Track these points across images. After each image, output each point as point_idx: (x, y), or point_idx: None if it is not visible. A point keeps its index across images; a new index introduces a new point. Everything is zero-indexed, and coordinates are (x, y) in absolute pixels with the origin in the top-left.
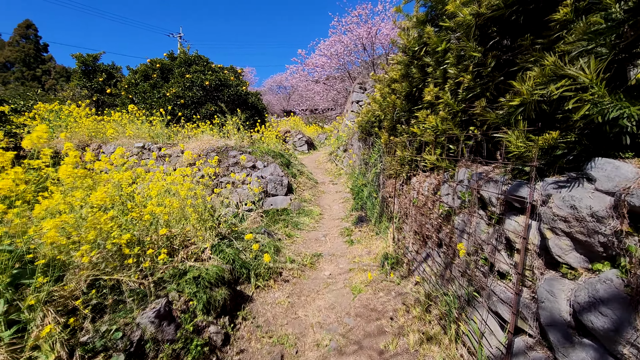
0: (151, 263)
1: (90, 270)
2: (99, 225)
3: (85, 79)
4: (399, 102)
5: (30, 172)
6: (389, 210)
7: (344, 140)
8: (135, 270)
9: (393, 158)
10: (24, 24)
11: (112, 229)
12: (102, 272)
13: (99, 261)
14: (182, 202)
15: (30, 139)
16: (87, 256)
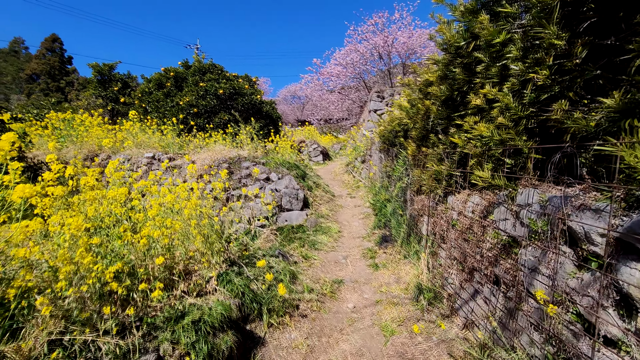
0: (143, 300)
1: (57, 321)
2: (75, 259)
3: (100, 88)
4: (435, 108)
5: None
6: (418, 230)
7: (362, 150)
8: (114, 322)
9: (423, 172)
10: (50, 37)
11: (94, 262)
12: (74, 320)
13: (71, 307)
14: (186, 222)
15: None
16: (46, 308)
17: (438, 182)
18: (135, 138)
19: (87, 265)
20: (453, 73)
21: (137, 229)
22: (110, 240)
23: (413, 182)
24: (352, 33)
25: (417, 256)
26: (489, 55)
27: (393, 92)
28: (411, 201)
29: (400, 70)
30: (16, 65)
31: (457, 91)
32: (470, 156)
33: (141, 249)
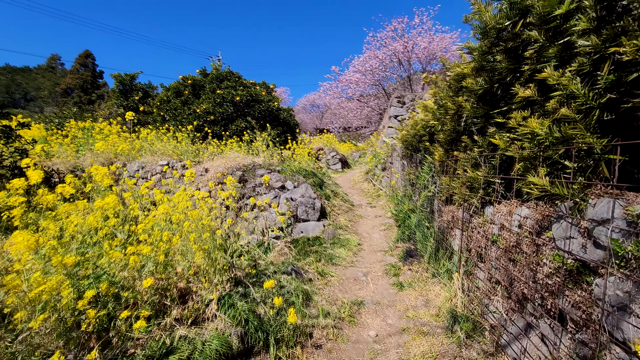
0: (125, 332)
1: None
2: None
3: (122, 97)
4: (468, 105)
5: None
6: (448, 245)
7: (382, 158)
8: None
9: (453, 179)
10: (84, 54)
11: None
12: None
13: (17, 349)
14: (185, 236)
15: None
16: None
17: (473, 191)
18: (151, 146)
19: (49, 292)
20: (491, 63)
21: (134, 243)
22: (97, 257)
23: (441, 191)
24: (371, 39)
25: (448, 275)
26: (545, 33)
27: (414, 97)
28: (439, 212)
29: (420, 77)
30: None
31: (498, 83)
32: (515, 160)
33: (133, 266)
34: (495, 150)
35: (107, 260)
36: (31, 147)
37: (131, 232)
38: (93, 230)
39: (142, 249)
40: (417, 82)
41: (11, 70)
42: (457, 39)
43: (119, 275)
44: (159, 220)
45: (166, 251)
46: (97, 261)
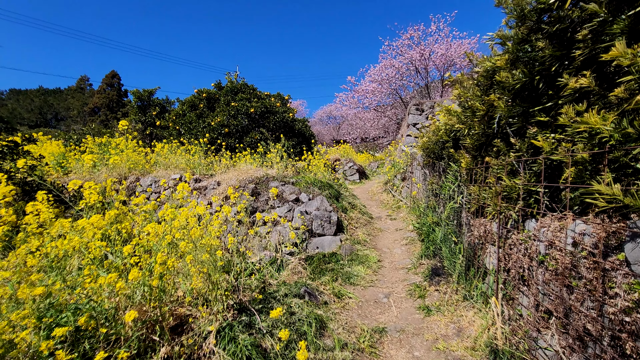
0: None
1: None
2: None
3: (140, 113)
4: (502, 103)
5: None
6: (481, 263)
7: (401, 167)
8: None
9: (484, 188)
10: (110, 74)
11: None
12: None
13: None
14: (182, 258)
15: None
16: None
17: (509, 202)
18: (165, 160)
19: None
20: (530, 53)
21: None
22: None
23: (469, 202)
24: (387, 48)
25: (483, 299)
26: (607, 5)
27: (433, 104)
28: (468, 225)
29: (438, 85)
30: (81, 101)
31: (540, 75)
32: (564, 165)
33: (124, 292)
34: (536, 154)
35: (93, 287)
36: (39, 163)
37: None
38: (84, 251)
39: (133, 272)
40: (435, 89)
41: (44, 92)
42: (475, 44)
43: (107, 303)
44: (153, 239)
45: (162, 274)
46: (83, 287)
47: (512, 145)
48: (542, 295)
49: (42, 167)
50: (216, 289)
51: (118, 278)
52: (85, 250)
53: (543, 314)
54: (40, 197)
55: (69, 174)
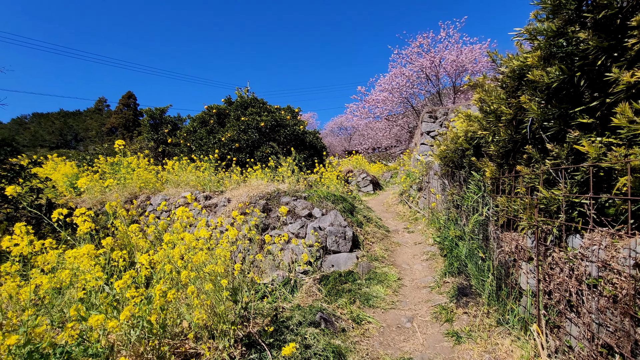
0: None
1: None
2: None
3: (152, 131)
4: (534, 105)
5: None
6: (514, 283)
7: (417, 177)
8: None
9: (513, 199)
10: (127, 94)
11: None
12: None
13: None
14: (185, 287)
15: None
16: None
17: (548, 215)
18: (176, 177)
19: None
20: (566, 48)
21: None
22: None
23: (497, 214)
24: (396, 57)
25: (521, 325)
26: None
27: (447, 111)
28: (496, 240)
29: (450, 92)
30: (99, 121)
31: (581, 71)
32: (616, 172)
33: (117, 331)
34: (578, 161)
35: (85, 326)
36: (45, 186)
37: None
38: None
39: (125, 312)
40: (447, 96)
41: (64, 115)
42: (486, 48)
43: (102, 342)
44: (158, 265)
45: (162, 307)
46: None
47: (548, 152)
48: (596, 325)
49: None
50: (222, 322)
51: (110, 317)
52: (78, 284)
53: (601, 348)
54: (18, 229)
55: (82, 194)
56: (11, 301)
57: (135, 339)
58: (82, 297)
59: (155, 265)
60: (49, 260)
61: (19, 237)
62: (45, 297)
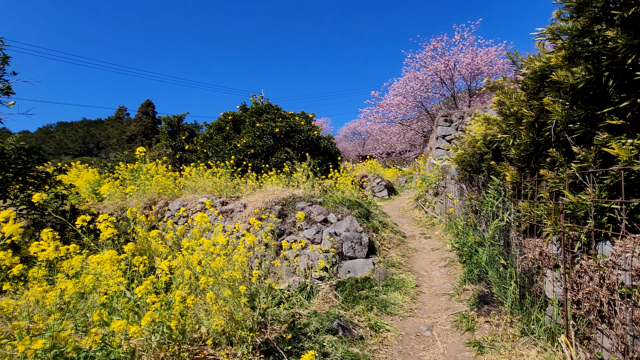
0: None
1: None
2: None
3: (170, 138)
4: (559, 107)
5: None
6: (539, 291)
7: (433, 181)
8: None
9: (536, 205)
10: (145, 103)
11: None
12: None
13: None
14: (204, 293)
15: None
16: None
17: (575, 221)
18: (192, 183)
19: None
20: (592, 47)
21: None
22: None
23: (519, 220)
24: (410, 61)
25: (548, 335)
26: None
27: (462, 115)
28: (519, 246)
29: (465, 95)
30: (120, 129)
31: (609, 70)
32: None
33: (138, 336)
34: (607, 164)
35: (107, 331)
36: (69, 193)
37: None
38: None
39: (146, 317)
40: (461, 100)
41: (87, 123)
42: (502, 51)
43: (124, 346)
44: (177, 271)
45: (181, 313)
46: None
47: (574, 155)
48: (631, 337)
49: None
50: (240, 328)
51: (132, 322)
52: (100, 289)
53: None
54: (45, 235)
55: (103, 200)
56: (37, 305)
57: (156, 344)
58: (104, 301)
59: (174, 270)
60: (73, 265)
61: (45, 243)
62: (70, 302)
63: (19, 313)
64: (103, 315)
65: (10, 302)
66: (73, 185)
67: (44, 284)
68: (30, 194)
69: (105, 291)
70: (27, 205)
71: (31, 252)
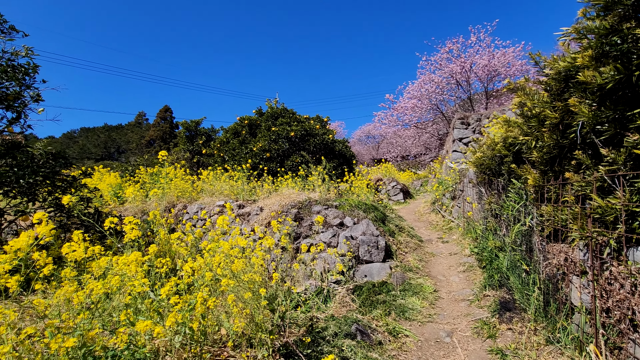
0: None
1: None
2: None
3: (188, 142)
4: (585, 108)
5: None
6: (564, 298)
7: (450, 185)
8: None
9: (560, 209)
10: (164, 108)
11: None
12: None
13: None
14: (224, 294)
15: None
16: None
17: (604, 226)
18: (210, 186)
19: None
20: (620, 46)
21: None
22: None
23: (542, 224)
24: (425, 63)
25: (575, 344)
26: None
27: (479, 117)
28: (542, 251)
29: (482, 98)
30: (139, 134)
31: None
32: None
33: (162, 336)
34: (639, 166)
35: (132, 331)
36: (93, 195)
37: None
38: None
39: (171, 318)
40: (478, 102)
41: (108, 129)
42: (520, 52)
43: (148, 346)
44: (197, 273)
45: (203, 315)
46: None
47: (602, 157)
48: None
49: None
50: (260, 331)
51: (156, 323)
52: (125, 289)
53: None
54: (75, 236)
55: (125, 203)
56: (67, 305)
57: (179, 345)
58: (128, 302)
59: (195, 272)
60: (102, 265)
61: (76, 244)
62: (98, 302)
63: (50, 312)
64: (130, 316)
65: (41, 301)
66: (97, 189)
67: (75, 283)
68: (57, 197)
69: (130, 292)
70: (54, 208)
71: (63, 252)
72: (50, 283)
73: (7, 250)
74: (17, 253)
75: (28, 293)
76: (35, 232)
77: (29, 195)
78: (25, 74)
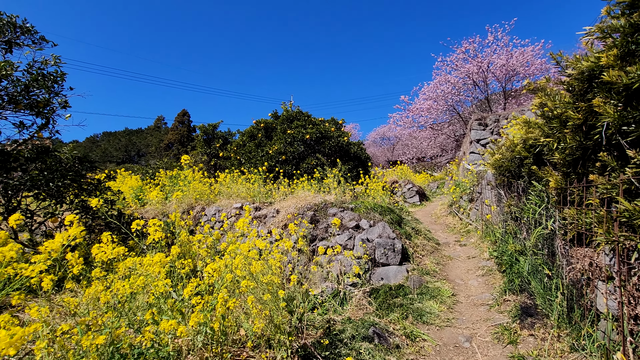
0: None
1: None
2: None
3: (205, 146)
4: (609, 108)
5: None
6: (589, 304)
7: (467, 187)
8: None
9: (585, 212)
10: (181, 112)
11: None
12: None
13: None
14: (243, 295)
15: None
16: None
17: (631, 230)
18: (227, 189)
19: None
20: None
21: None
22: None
23: (564, 228)
24: (441, 64)
25: (602, 352)
26: None
27: (497, 118)
28: (565, 256)
29: (500, 98)
30: (158, 138)
31: None
32: None
33: (185, 335)
34: None
35: (156, 329)
36: (117, 198)
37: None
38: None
39: (194, 318)
40: (496, 102)
41: (129, 133)
42: (540, 50)
43: (171, 345)
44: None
45: (223, 315)
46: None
47: (628, 159)
48: None
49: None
50: (279, 332)
51: (179, 323)
52: (149, 289)
53: None
54: (105, 238)
55: (145, 205)
56: (95, 303)
57: (203, 340)
58: (152, 302)
59: (214, 273)
60: (129, 266)
61: (105, 245)
62: (125, 302)
63: (79, 310)
64: (154, 315)
65: (71, 300)
66: (120, 192)
67: (104, 283)
68: (83, 199)
69: (153, 292)
70: (80, 210)
71: (93, 253)
72: (80, 282)
73: (42, 251)
74: (51, 254)
75: (59, 292)
76: (67, 234)
77: (57, 198)
78: (53, 81)
